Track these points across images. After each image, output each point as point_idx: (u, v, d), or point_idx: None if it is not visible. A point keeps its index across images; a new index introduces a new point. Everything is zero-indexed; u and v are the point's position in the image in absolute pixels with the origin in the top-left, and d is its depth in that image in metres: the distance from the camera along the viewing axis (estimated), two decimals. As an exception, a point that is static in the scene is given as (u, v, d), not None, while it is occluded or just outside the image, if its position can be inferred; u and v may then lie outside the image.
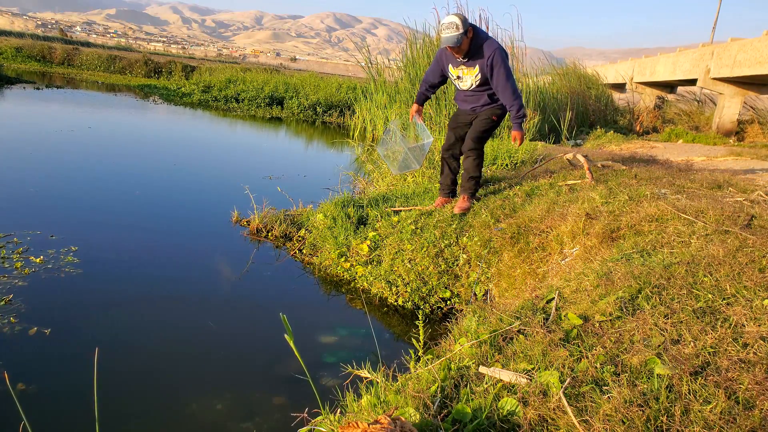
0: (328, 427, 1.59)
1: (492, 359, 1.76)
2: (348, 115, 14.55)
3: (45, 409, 2.39)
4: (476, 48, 3.77)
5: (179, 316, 3.44)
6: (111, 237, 4.55)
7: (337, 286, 4.10)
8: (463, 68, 3.89)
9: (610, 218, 3.09)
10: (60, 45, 27.57)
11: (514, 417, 1.42)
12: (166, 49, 69.07)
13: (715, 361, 1.51)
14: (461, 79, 3.97)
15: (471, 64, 3.84)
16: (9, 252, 3.89)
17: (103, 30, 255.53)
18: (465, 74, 3.92)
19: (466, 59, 3.83)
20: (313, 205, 5.38)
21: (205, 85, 18.17)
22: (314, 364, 2.95)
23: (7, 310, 3.11)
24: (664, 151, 8.64)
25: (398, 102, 10.70)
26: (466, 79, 3.94)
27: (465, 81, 3.96)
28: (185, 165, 7.79)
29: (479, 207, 4.19)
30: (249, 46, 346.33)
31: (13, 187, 5.62)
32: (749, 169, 6.03)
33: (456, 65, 3.92)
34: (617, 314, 1.88)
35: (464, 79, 3.96)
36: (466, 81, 3.96)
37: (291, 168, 8.32)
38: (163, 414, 2.50)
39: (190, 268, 4.19)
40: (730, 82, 12.94)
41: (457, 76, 3.97)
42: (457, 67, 3.92)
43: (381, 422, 1.27)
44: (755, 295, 1.83)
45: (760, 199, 3.34)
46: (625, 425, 1.29)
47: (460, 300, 3.76)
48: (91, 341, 2.96)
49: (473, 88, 3.97)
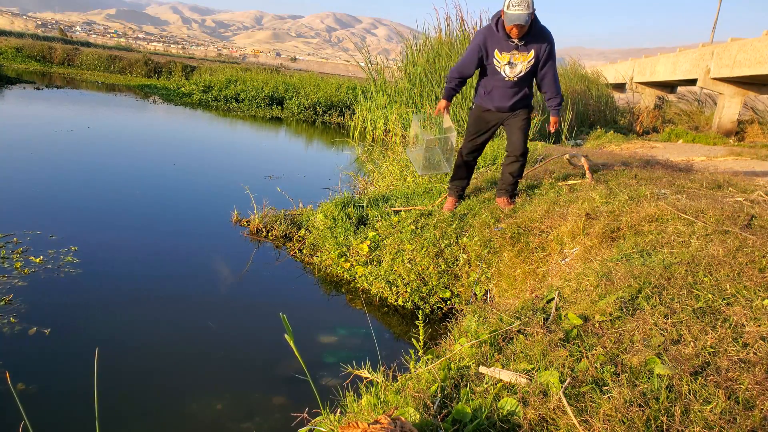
0: (328, 427, 1.59)
1: (492, 359, 1.76)
2: (348, 115, 14.55)
3: (45, 409, 2.39)
4: (535, 31, 3.51)
5: (179, 316, 3.44)
6: (111, 237, 4.54)
7: (337, 286, 4.10)
8: (515, 53, 3.56)
9: (610, 218, 3.09)
10: (60, 45, 27.58)
11: (514, 417, 1.42)
12: (166, 49, 69.09)
13: (715, 361, 1.51)
14: (511, 66, 3.61)
15: (526, 48, 3.55)
16: (9, 252, 3.89)
17: (103, 30, 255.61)
18: (517, 59, 3.58)
19: (523, 42, 3.52)
20: (313, 205, 5.38)
21: (205, 85, 18.17)
22: (314, 364, 2.95)
23: (7, 310, 3.11)
24: (664, 151, 8.64)
25: (398, 102, 10.70)
26: (516, 65, 3.60)
27: (515, 68, 3.61)
28: (185, 165, 7.79)
29: (479, 207, 4.19)
30: (249, 46, 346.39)
31: (13, 187, 5.62)
32: (749, 169, 6.03)
33: (508, 50, 3.57)
34: (617, 314, 1.88)
35: (515, 66, 3.61)
36: (516, 68, 3.61)
37: (291, 168, 8.32)
38: (163, 414, 2.50)
39: (190, 268, 4.19)
40: (730, 82, 12.94)
41: (507, 62, 3.60)
42: (508, 52, 3.57)
43: (381, 422, 1.27)
44: (755, 295, 1.83)
45: (760, 199, 3.34)
46: (625, 425, 1.29)
47: (460, 300, 3.76)
48: (91, 341, 2.96)
49: (521, 75, 3.64)
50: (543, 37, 3.56)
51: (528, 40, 3.54)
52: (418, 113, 4.90)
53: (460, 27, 10.10)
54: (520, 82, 3.69)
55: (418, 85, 10.23)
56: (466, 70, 3.76)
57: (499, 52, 3.60)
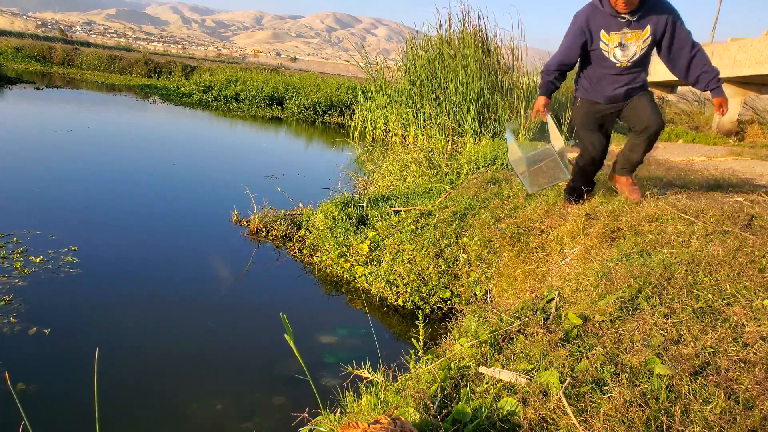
0: (328, 427, 1.59)
1: (492, 359, 1.76)
2: (348, 115, 14.55)
3: (45, 409, 2.39)
4: (650, 2, 2.91)
5: (179, 315, 3.44)
6: (111, 237, 4.55)
7: (337, 286, 4.10)
8: (626, 32, 2.97)
9: (610, 218, 3.09)
10: (60, 45, 27.58)
11: (514, 417, 1.42)
12: (166, 49, 69.11)
13: (715, 361, 1.51)
14: (623, 48, 3.02)
15: (639, 25, 2.95)
16: (9, 252, 3.89)
17: (103, 30, 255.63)
18: (629, 40, 2.98)
19: (635, 18, 2.92)
20: (313, 205, 5.38)
21: (205, 85, 18.18)
22: (314, 364, 2.95)
23: (7, 310, 3.11)
24: (664, 151, 8.64)
25: (398, 102, 10.70)
26: (629, 46, 3.00)
27: (628, 50, 3.02)
28: (185, 165, 7.79)
29: (479, 207, 4.19)
30: (249, 46, 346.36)
31: (13, 187, 5.62)
32: (749, 169, 6.03)
33: (617, 28, 2.98)
34: (617, 314, 1.88)
35: (627, 48, 3.01)
36: (629, 50, 3.01)
37: (291, 168, 8.32)
38: (163, 414, 2.50)
39: (190, 268, 4.19)
40: (730, 82, 12.94)
41: (618, 44, 3.01)
42: (618, 31, 2.98)
43: (381, 422, 1.27)
44: (755, 295, 1.83)
45: (760, 199, 3.34)
46: (625, 425, 1.29)
47: (460, 300, 3.76)
48: (90, 341, 2.96)
49: (636, 58, 3.03)
50: (660, 6, 2.93)
51: (642, 14, 2.92)
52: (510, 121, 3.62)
53: (463, 24, 10.09)
54: (634, 66, 3.07)
55: (418, 85, 10.23)
56: (566, 59, 3.18)
57: (607, 32, 3.00)
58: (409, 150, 7.54)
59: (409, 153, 7.21)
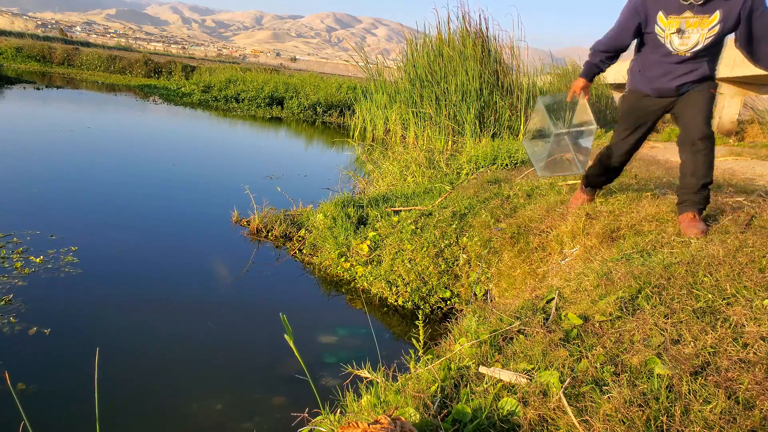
0: (328, 427, 1.59)
1: (492, 359, 1.76)
2: (348, 115, 14.55)
3: (45, 409, 2.39)
4: None
5: (179, 316, 3.44)
6: (111, 237, 4.54)
7: (337, 286, 4.10)
8: (689, 16, 2.55)
9: (610, 218, 3.09)
10: (60, 45, 27.61)
11: (514, 417, 1.42)
12: (166, 49, 69.11)
13: (715, 361, 1.51)
14: (681, 35, 2.61)
15: (705, 10, 2.51)
16: (9, 252, 3.89)
17: (103, 30, 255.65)
18: (691, 26, 2.57)
19: (701, 1, 2.50)
20: (313, 205, 5.38)
21: (205, 85, 18.19)
22: (314, 364, 2.95)
23: (7, 310, 3.11)
24: (664, 151, 8.64)
25: (398, 102, 10.70)
26: (690, 34, 2.59)
27: (689, 38, 2.60)
28: (185, 165, 7.79)
29: (479, 207, 4.18)
30: (249, 46, 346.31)
31: (13, 187, 5.62)
32: (749, 169, 6.03)
33: (678, 11, 2.57)
34: (617, 314, 1.88)
35: (687, 35, 2.60)
36: (689, 38, 2.60)
37: (291, 168, 8.32)
38: (163, 414, 2.50)
39: (190, 268, 4.19)
40: (730, 82, 12.93)
41: (677, 29, 2.60)
42: (678, 15, 2.58)
43: (381, 422, 1.27)
44: (755, 295, 1.83)
45: (760, 199, 3.34)
46: (625, 425, 1.29)
47: (460, 300, 3.76)
48: (90, 341, 2.96)
49: (698, 49, 2.61)
50: None
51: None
52: (545, 95, 3.35)
53: (463, 23, 10.08)
54: (695, 57, 2.66)
55: (418, 85, 10.23)
56: (618, 41, 2.84)
57: (665, 15, 2.61)
58: (409, 150, 7.54)
59: (409, 153, 7.22)
